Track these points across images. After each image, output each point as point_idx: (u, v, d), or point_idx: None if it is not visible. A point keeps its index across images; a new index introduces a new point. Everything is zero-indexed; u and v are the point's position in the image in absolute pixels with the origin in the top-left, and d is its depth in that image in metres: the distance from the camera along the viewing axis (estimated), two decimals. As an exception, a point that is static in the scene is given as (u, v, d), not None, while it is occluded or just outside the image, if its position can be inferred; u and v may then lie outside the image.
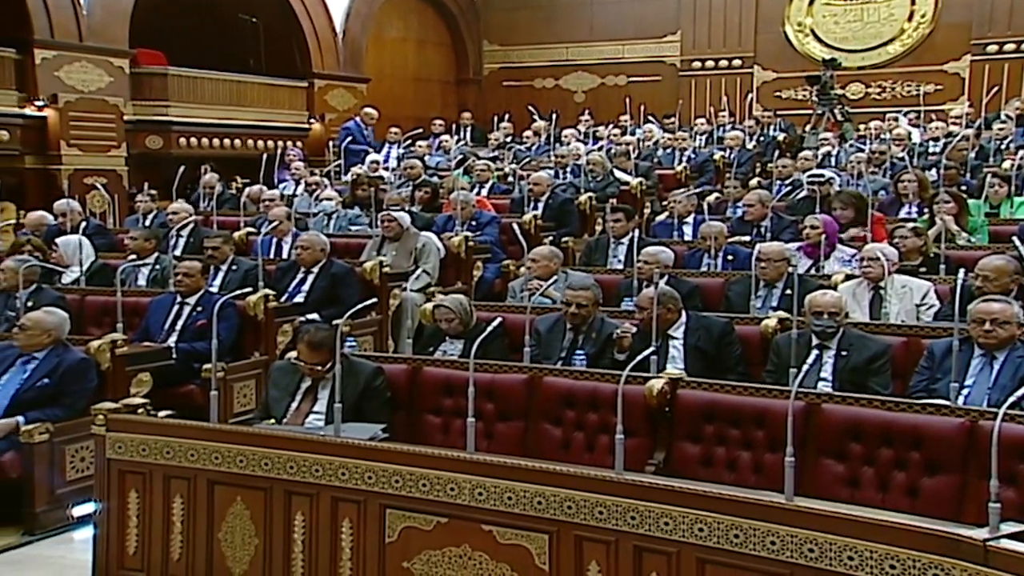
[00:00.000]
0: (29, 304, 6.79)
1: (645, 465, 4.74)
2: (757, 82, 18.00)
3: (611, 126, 15.54)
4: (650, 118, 15.90)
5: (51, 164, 12.42)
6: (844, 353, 5.46)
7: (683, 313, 6.03)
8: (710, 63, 18.35)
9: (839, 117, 14.90)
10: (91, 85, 12.62)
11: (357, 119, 15.17)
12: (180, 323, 7.15)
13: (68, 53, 12.41)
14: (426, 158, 13.51)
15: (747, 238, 8.45)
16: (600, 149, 13.40)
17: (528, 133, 15.26)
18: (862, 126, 14.36)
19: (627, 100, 16.72)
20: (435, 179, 11.88)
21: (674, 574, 3.64)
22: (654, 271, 6.59)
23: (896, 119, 14.55)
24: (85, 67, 12.55)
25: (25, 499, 5.64)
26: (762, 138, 14.63)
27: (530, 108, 16.58)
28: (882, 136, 13.09)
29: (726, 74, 18.18)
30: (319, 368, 5.20)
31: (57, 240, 8.67)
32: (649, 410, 4.87)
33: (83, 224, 9.55)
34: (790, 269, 6.83)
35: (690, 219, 9.40)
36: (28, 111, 12.13)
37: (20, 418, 5.71)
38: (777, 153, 12.14)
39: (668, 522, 3.65)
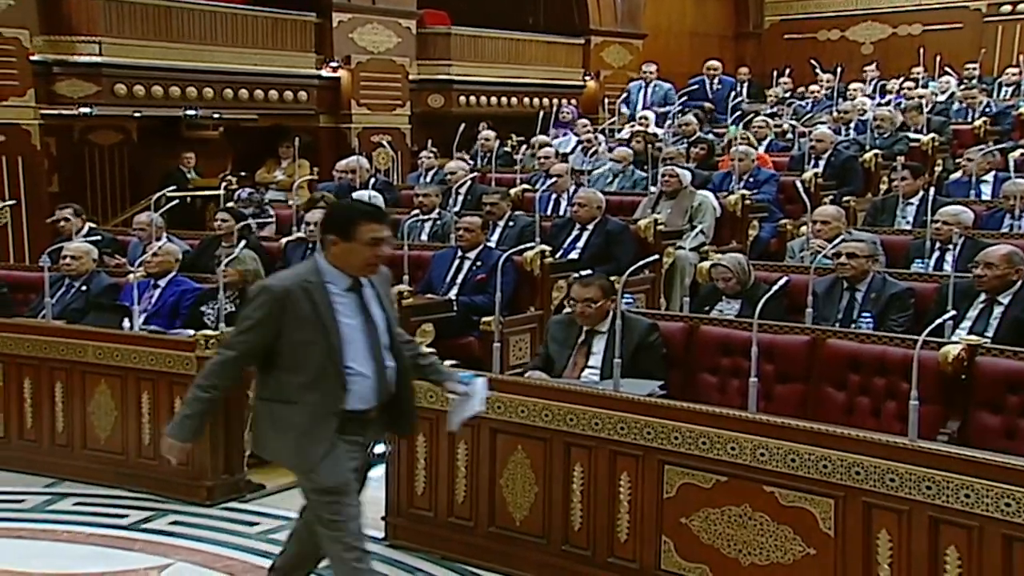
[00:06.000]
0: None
1: (937, 434, 4.47)
2: (1083, 24, 16.35)
3: (902, 79, 14.65)
4: (946, 70, 14.85)
5: (342, 123, 13.09)
6: None
7: (1025, 278, 5.41)
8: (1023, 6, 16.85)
9: None
10: (380, 46, 13.18)
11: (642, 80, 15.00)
12: (460, 277, 7.38)
13: (361, 15, 13.01)
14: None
15: (1057, 198, 7.78)
16: (888, 104, 12.72)
17: (813, 87, 14.64)
18: None
19: (920, 51, 15.69)
20: (711, 136, 11.66)
21: (975, 550, 3.44)
22: (953, 232, 6.19)
23: None
24: (376, 29, 13.12)
25: (322, 437, 6.02)
26: (1083, 89, 13.36)
27: (812, 62, 15.90)
28: None
29: (1042, 17, 16.62)
30: (590, 306, 5.20)
31: (353, 195, 9.13)
32: (943, 377, 4.59)
33: (371, 180, 10.03)
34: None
35: (989, 177, 8.77)
36: (324, 72, 12.84)
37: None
38: (1103, 106, 11.06)
39: (969, 495, 3.44)
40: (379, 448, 5.53)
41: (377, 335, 3.64)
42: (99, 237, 7.97)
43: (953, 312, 4.81)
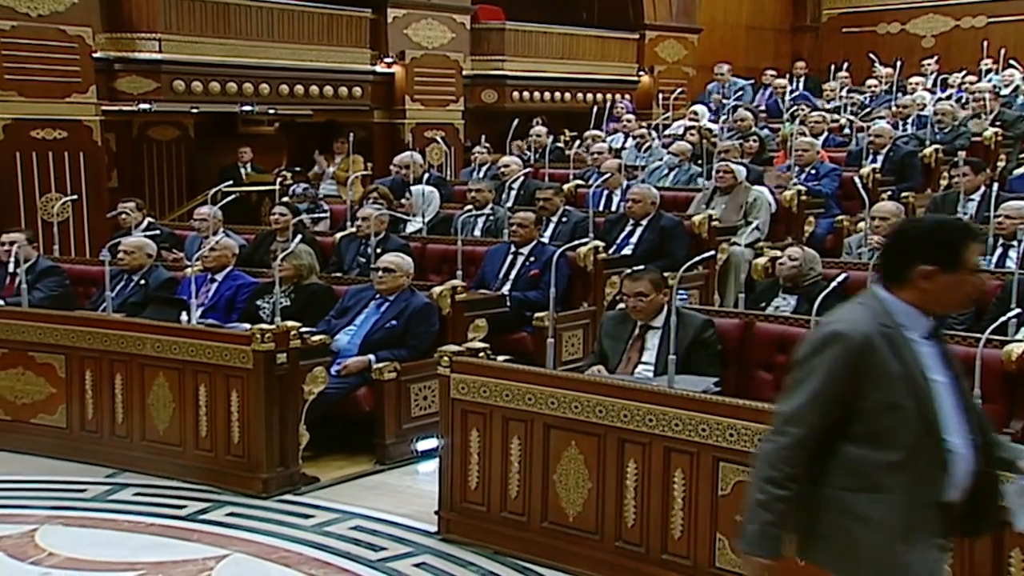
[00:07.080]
0: (378, 251, 7.22)
1: (1000, 433, 4.38)
2: None
3: (964, 73, 14.37)
4: (1011, 63, 14.51)
5: (396, 118, 13.14)
6: None
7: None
8: (1092, -3, 16.36)
9: None
10: (435, 42, 13.21)
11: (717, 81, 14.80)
12: (514, 272, 7.38)
13: (416, 11, 13.05)
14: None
15: None
16: (949, 98, 12.50)
17: (872, 82, 14.42)
18: None
19: (984, 43, 15.35)
20: (765, 131, 11.56)
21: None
22: (1017, 227, 6.07)
23: None
24: (430, 24, 13.15)
25: (376, 431, 6.07)
26: None
27: (871, 55, 15.67)
28: None
29: (1123, 4, 16.10)
30: (642, 300, 5.18)
31: (412, 189, 9.16)
32: (1007, 376, 4.53)
33: (425, 175, 10.06)
34: None
35: (1056, 172, 8.59)
36: (379, 68, 12.88)
37: (372, 356, 6.12)
38: None
39: (1035, 497, 3.36)
40: (428, 443, 5.58)
41: (965, 398, 2.76)
42: (157, 231, 8.09)
43: (1018, 310, 4.71)
